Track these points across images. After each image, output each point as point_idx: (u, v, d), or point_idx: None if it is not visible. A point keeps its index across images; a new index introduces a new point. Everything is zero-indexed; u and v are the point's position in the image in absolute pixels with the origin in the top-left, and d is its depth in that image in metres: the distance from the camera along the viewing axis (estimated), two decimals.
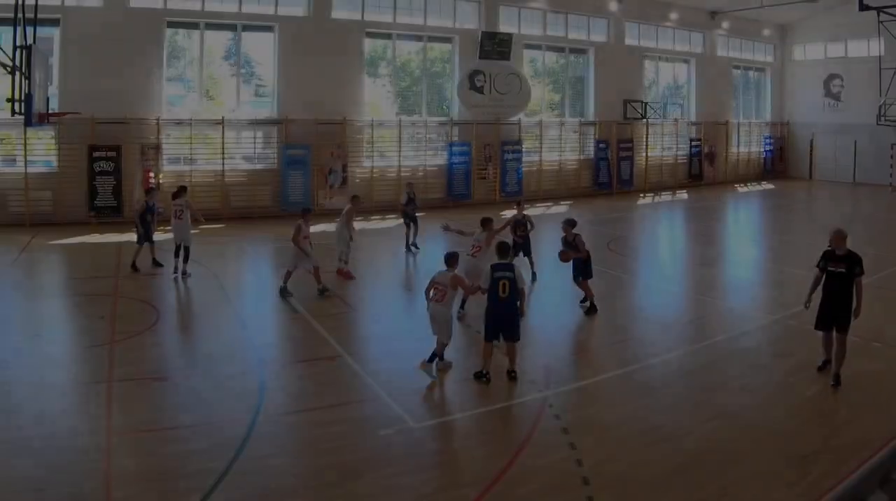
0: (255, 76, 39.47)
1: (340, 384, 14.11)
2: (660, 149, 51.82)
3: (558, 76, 48.35)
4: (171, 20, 35.22)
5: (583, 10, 46.76)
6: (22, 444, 10.98)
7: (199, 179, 35.16)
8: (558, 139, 46.47)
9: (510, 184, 43.11)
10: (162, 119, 34.31)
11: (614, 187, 48.05)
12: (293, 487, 10.18)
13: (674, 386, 14.12)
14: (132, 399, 13.04)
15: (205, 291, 21.37)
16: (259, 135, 37.48)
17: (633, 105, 48.61)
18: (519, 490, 10.07)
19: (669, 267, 26.54)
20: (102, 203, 32.86)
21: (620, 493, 10.04)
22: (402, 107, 42.26)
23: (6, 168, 32.62)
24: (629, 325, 18.42)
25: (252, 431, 11.66)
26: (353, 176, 38.26)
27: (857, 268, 13.66)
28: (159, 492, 9.93)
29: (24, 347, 15.83)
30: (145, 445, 11.30)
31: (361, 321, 19.10)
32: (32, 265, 25.33)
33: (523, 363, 14.63)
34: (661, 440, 11.54)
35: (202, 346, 16.78)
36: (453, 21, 42.22)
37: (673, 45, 51.96)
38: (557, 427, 12.00)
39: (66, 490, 9.75)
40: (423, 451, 11.39)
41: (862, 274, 13.72)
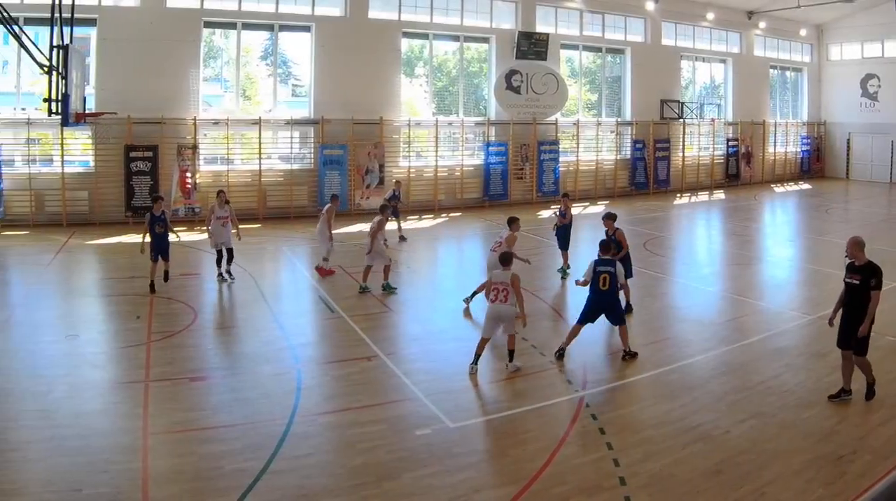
0: (292, 76, 38.64)
1: (377, 384, 13.93)
2: (696, 148, 50.50)
3: (595, 76, 47.14)
4: (207, 20, 34.46)
5: (619, 9, 45.51)
6: (59, 444, 10.87)
7: (236, 179, 34.48)
8: (595, 139, 45.14)
9: (547, 183, 42.03)
10: (199, 119, 33.46)
11: (651, 187, 46.85)
12: (329, 487, 10.04)
13: (710, 385, 13.85)
14: (169, 399, 12.89)
15: (241, 291, 20.87)
16: (296, 135, 36.51)
17: (669, 105, 47.44)
18: (556, 489, 9.92)
19: (706, 267, 25.81)
20: (139, 203, 31.94)
21: (657, 493, 9.87)
22: (438, 106, 41.24)
23: (43, 168, 31.93)
24: (666, 325, 18.14)
25: (288, 431, 11.56)
26: (389, 176, 37.24)
27: (873, 281, 12.43)
28: (196, 492, 9.80)
29: (62, 347, 15.61)
30: (182, 445, 11.15)
31: (398, 321, 18.67)
32: (69, 265, 24.77)
33: (560, 363, 14.82)
34: (698, 440, 11.41)
35: (239, 346, 16.42)
36: (490, 21, 41.14)
37: (710, 45, 50.55)
38: (594, 427, 11.87)
39: (103, 490, 9.64)
40: (459, 451, 11.12)
41: (878, 288, 12.51)
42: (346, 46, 36.44)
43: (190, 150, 32.83)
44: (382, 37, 37.69)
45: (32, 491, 9.62)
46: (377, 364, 14.86)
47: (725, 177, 51.08)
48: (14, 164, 31.47)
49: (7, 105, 31.77)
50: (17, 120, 31.06)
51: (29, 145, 31.59)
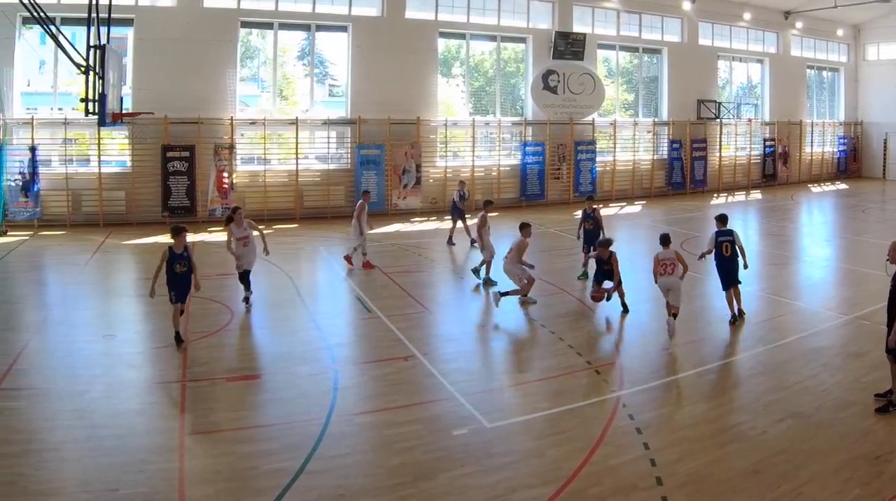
0: (329, 76, 37.72)
1: (414, 384, 13.65)
2: (733, 149, 49.01)
3: (632, 76, 45.75)
4: (244, 20, 33.72)
5: (656, 9, 44.11)
6: (96, 444, 10.69)
7: (273, 179, 33.81)
8: (632, 139, 43.81)
9: (584, 183, 40.75)
10: (236, 119, 32.74)
11: (688, 187, 45.44)
12: (366, 487, 9.83)
13: (746, 385, 13.56)
14: (205, 399, 12.68)
15: (278, 291, 20.30)
16: (332, 134, 35.77)
17: (706, 105, 46.03)
18: (592, 489, 9.70)
19: (742, 267, 24.37)
20: (176, 203, 31.45)
21: (694, 493, 9.63)
22: (475, 106, 40.10)
23: (80, 168, 31.38)
24: (703, 325, 17.64)
25: (325, 431, 11.34)
26: (426, 176, 36.51)
27: None
28: (232, 492, 9.61)
29: (98, 347, 15.34)
30: (218, 445, 10.96)
31: (435, 321, 18.21)
32: (106, 265, 24.26)
33: (596, 361, 14.76)
34: (734, 440, 11.17)
35: (276, 347, 15.97)
36: (527, 21, 40.00)
37: (746, 45, 49.04)
38: (631, 427, 11.59)
39: (139, 490, 9.47)
40: (496, 451, 10.85)
41: None
42: (382, 46, 35.56)
43: (227, 150, 32.12)
44: (419, 37, 36.76)
45: (69, 491, 9.41)
46: (414, 364, 14.54)
47: (762, 177, 49.59)
48: (51, 164, 30.93)
49: (44, 105, 31.36)
50: (54, 120, 30.58)
51: (66, 145, 31.09)
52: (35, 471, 9.93)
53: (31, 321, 17.43)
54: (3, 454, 10.29)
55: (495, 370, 14.66)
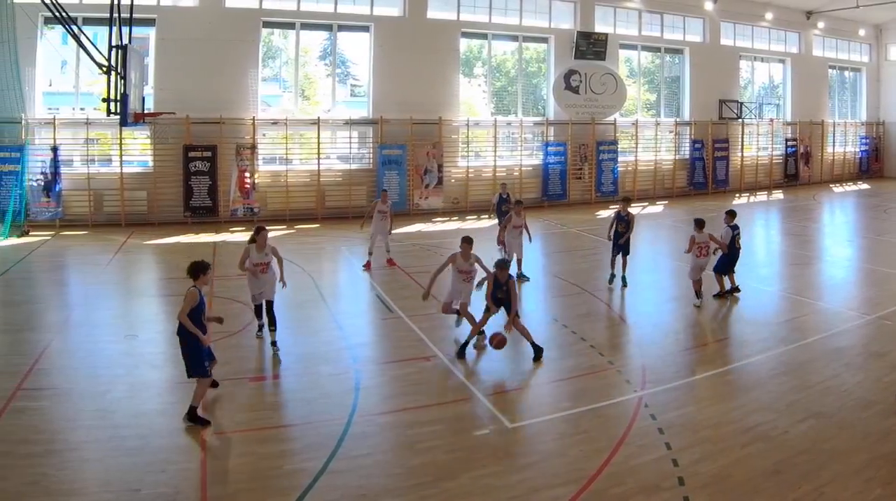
0: (351, 76, 37.02)
1: (435, 384, 13.49)
2: (755, 148, 48.08)
3: (654, 76, 44.81)
4: (266, 20, 33.20)
5: (678, 9, 43.20)
6: (118, 444, 10.57)
7: (295, 179, 33.28)
8: (654, 139, 42.92)
9: (605, 183, 40.05)
10: (258, 119, 32.20)
11: (710, 187, 44.53)
12: (388, 487, 9.70)
13: (768, 385, 13.27)
14: (228, 399, 12.45)
15: (300, 291, 19.66)
16: (354, 134, 35.12)
17: (728, 105, 45.15)
18: (614, 489, 9.56)
19: (764, 268, 24.34)
20: (198, 203, 30.95)
21: (716, 493, 9.48)
22: (497, 106, 39.27)
23: (102, 168, 30.97)
24: (724, 325, 17.54)
25: (347, 431, 11.19)
26: (448, 176, 35.84)
27: None
28: (254, 492, 9.49)
29: (120, 347, 15.14)
30: (240, 445, 10.84)
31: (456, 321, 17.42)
32: (127, 265, 23.88)
33: (618, 361, 14.54)
34: (756, 440, 10.95)
35: (297, 347, 15.48)
36: (549, 21, 39.20)
37: (768, 45, 48.07)
38: (653, 427, 11.40)
39: (161, 490, 9.35)
40: (518, 451, 10.80)
41: None
42: (404, 46, 34.97)
43: (248, 150, 31.61)
44: (441, 37, 36.11)
45: (91, 491, 9.29)
46: (436, 364, 14.39)
47: (784, 177, 48.65)
48: (73, 164, 30.50)
49: (66, 105, 31.00)
50: (76, 120, 30.21)
51: (88, 145, 30.67)
52: (57, 471, 9.79)
53: (53, 321, 17.16)
54: (26, 454, 10.17)
55: (517, 370, 14.39)
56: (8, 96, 27.74)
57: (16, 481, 9.48)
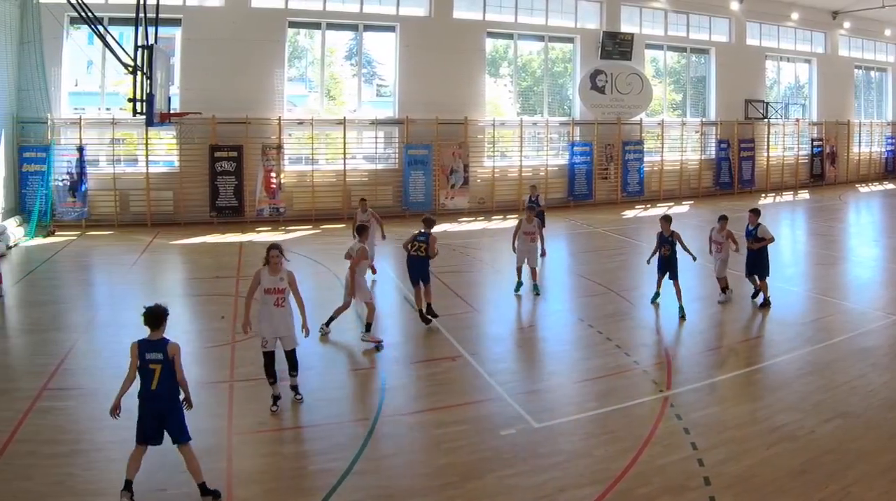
0: (377, 76, 36.19)
1: (461, 384, 13.13)
2: (781, 149, 46.81)
3: (680, 76, 43.57)
4: (292, 20, 32.50)
5: (704, 9, 42.03)
6: None
7: (320, 179, 32.55)
8: (679, 139, 41.79)
9: (631, 183, 39.03)
10: (283, 119, 31.52)
11: (736, 187, 43.31)
12: (414, 487, 9.47)
13: (794, 385, 12.90)
14: (253, 399, 12.13)
15: (326, 291, 19.00)
16: (380, 134, 34.43)
17: (754, 105, 43.89)
18: (640, 489, 9.30)
19: (790, 268, 23.60)
20: (224, 203, 30.31)
21: (742, 493, 9.21)
22: (523, 106, 38.30)
23: (128, 168, 30.39)
24: (750, 326, 17.08)
25: (373, 431, 10.97)
26: (474, 176, 34.94)
27: None
28: (280, 492, 9.29)
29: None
30: (266, 445, 10.64)
31: (482, 321, 17.40)
32: (154, 265, 23.42)
33: (644, 362, 14.13)
34: (783, 440, 10.66)
35: (323, 346, 15.17)
36: (574, 21, 38.16)
37: (794, 45, 46.77)
38: (679, 427, 11.11)
39: (186, 490, 9.07)
40: (544, 451, 10.40)
41: None
42: (430, 46, 34.15)
43: (274, 150, 30.92)
44: (467, 37, 35.25)
45: (116, 492, 8.81)
46: (461, 364, 13.99)
47: (810, 177, 47.39)
48: (99, 164, 29.98)
49: (92, 105, 30.52)
50: (102, 120, 29.70)
51: (113, 145, 30.14)
52: (83, 471, 9.59)
53: (79, 321, 16.72)
54: (51, 454, 9.96)
55: (543, 370, 14.10)
56: (34, 96, 27.30)
57: (41, 481, 9.27)
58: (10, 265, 22.13)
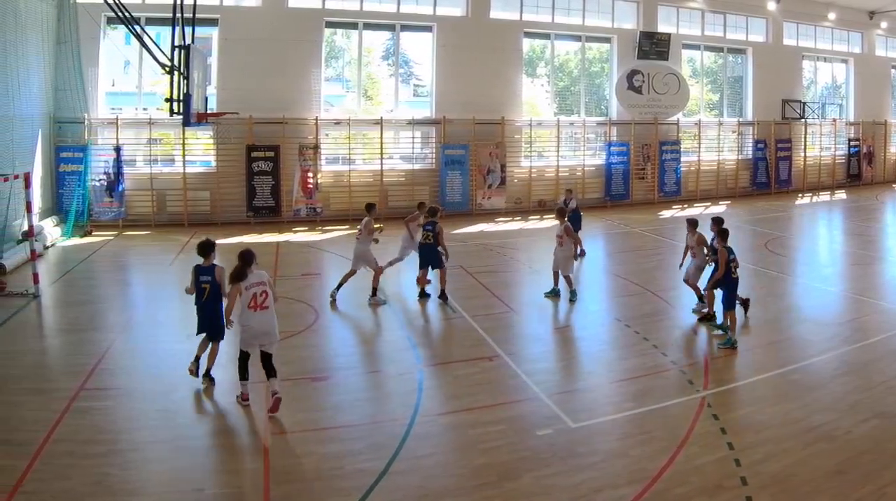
0: (414, 76, 34.86)
1: (498, 384, 12.75)
2: (818, 149, 44.85)
3: (716, 76, 41.77)
4: (329, 20, 31.30)
5: (741, 9, 40.29)
6: (181, 444, 10.17)
7: (357, 179, 31.33)
8: (716, 139, 40.08)
9: (668, 183, 37.39)
10: (320, 119, 30.37)
11: (773, 187, 41.53)
12: (450, 487, 9.24)
13: (831, 385, 12.56)
14: (290, 399, 11.62)
15: (363, 292, 18.32)
16: (417, 134, 33.19)
17: (791, 105, 42.01)
18: (677, 489, 9.05)
19: (827, 267, 23.27)
20: (260, 203, 29.22)
21: (779, 493, 8.92)
22: (560, 106, 36.80)
23: (165, 168, 29.41)
24: (787, 325, 16.40)
25: (410, 431, 10.68)
26: (511, 176, 33.53)
27: None
28: (317, 492, 9.07)
29: (183, 347, 13.86)
30: (303, 445, 10.34)
31: (519, 321, 16.89)
32: (190, 265, 21.53)
33: (681, 361, 13.76)
34: (819, 440, 10.40)
35: (360, 347, 15.31)
36: (611, 21, 36.62)
37: (831, 45, 44.81)
38: (716, 427, 10.84)
39: (224, 490, 9.05)
40: (581, 451, 10.18)
41: None
42: (467, 46, 32.83)
43: (311, 150, 29.77)
44: (504, 37, 33.88)
45: (154, 492, 8.94)
46: (498, 364, 13.60)
47: (847, 177, 45.45)
48: (136, 164, 29.08)
49: (129, 105, 29.65)
50: (139, 120, 28.78)
51: (150, 145, 29.19)
52: (120, 471, 9.41)
53: (116, 321, 16.33)
54: (89, 453, 9.70)
55: (580, 370, 13.85)
56: (71, 96, 26.47)
57: (79, 480, 9.01)
58: (47, 265, 21.60)
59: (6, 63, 22.28)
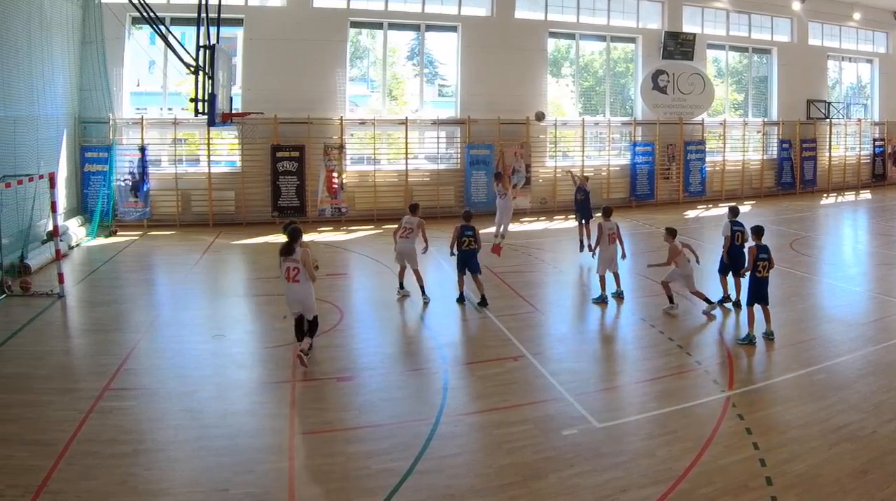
0: (439, 76, 33.88)
1: (523, 384, 12.46)
2: (843, 149, 43.52)
3: (741, 76, 40.52)
4: (354, 20, 30.34)
5: (766, 9, 39.04)
6: (206, 444, 9.92)
7: (382, 179, 30.44)
8: (741, 139, 38.97)
9: (693, 183, 36.24)
10: (345, 119, 29.44)
11: (797, 187, 40.31)
12: (476, 487, 8.99)
13: (856, 386, 12.20)
14: (315, 399, 11.73)
15: (388, 291, 18.30)
16: (442, 134, 32.12)
17: (816, 105, 40.70)
18: (702, 489, 8.82)
19: (852, 267, 22.73)
20: (285, 203, 28.37)
21: (804, 493, 8.69)
22: (585, 106, 35.69)
23: (190, 168, 28.63)
24: (812, 325, 15.99)
25: (435, 431, 10.49)
26: (536, 176, 32.50)
27: None
28: (342, 492, 8.84)
29: (208, 347, 14.20)
30: (328, 445, 10.13)
31: (545, 321, 16.44)
32: (215, 265, 22.20)
33: (706, 363, 13.35)
34: (844, 440, 10.06)
35: (385, 346, 14.69)
36: (636, 21, 35.49)
37: (856, 45, 43.41)
38: (741, 427, 10.55)
39: (249, 490, 8.77)
40: (606, 451, 9.92)
41: None
42: (492, 46, 31.83)
43: (336, 150, 28.88)
44: (529, 37, 32.80)
45: (179, 491, 8.73)
46: (524, 364, 13.31)
47: (872, 177, 44.13)
48: (161, 164, 28.30)
49: (154, 105, 28.90)
50: (164, 120, 28.06)
51: (175, 145, 28.40)
52: (145, 471, 9.22)
53: (141, 321, 15.97)
54: (114, 454, 9.53)
55: (605, 370, 13.57)
56: (96, 96, 25.75)
57: (104, 480, 8.84)
58: (72, 265, 21.18)
59: (31, 63, 21.64)
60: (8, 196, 18.84)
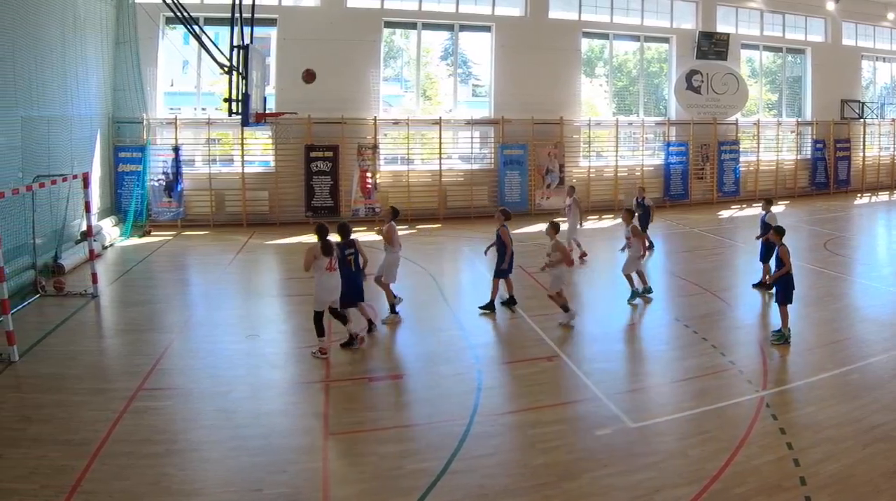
0: (472, 76, 32.61)
1: (557, 384, 12.22)
2: (877, 148, 41.70)
3: (775, 76, 38.84)
4: (388, 20, 29.27)
5: (800, 9, 37.38)
6: (240, 444, 9.69)
7: (416, 179, 29.35)
8: (775, 139, 37.36)
9: (727, 183, 34.78)
10: (379, 119, 28.38)
11: (831, 187, 38.71)
12: (510, 487, 8.70)
13: (890, 386, 11.78)
14: (348, 399, 11.48)
15: (421, 291, 18.00)
16: (476, 134, 30.91)
17: (850, 105, 39.00)
18: (736, 489, 8.52)
19: (886, 267, 21.73)
20: (319, 203, 27.36)
21: (837, 493, 8.39)
22: (618, 106, 34.34)
23: (223, 168, 27.77)
24: (846, 325, 15.48)
25: (469, 431, 10.24)
26: (569, 175, 31.11)
27: None
28: (376, 492, 8.58)
29: (242, 347, 13.90)
30: (362, 445, 9.90)
31: (578, 321, 15.56)
32: (249, 265, 21.54)
33: (740, 362, 12.89)
34: (878, 440, 9.72)
35: (418, 347, 14.32)
36: (670, 21, 34.03)
37: (890, 45, 41.48)
38: (775, 427, 10.23)
39: (283, 490, 8.53)
40: (639, 451, 9.62)
41: None
42: (526, 46, 30.61)
43: (370, 150, 27.80)
44: (562, 37, 31.51)
45: (212, 491, 8.54)
46: (557, 364, 13.08)
47: None
48: (194, 164, 27.42)
49: (187, 105, 28.08)
50: (198, 120, 27.25)
51: (209, 145, 27.58)
52: (178, 471, 9.03)
53: (175, 321, 15.74)
54: (147, 453, 9.38)
55: (638, 370, 13.21)
56: (129, 96, 25.01)
57: (137, 480, 8.72)
58: (105, 265, 20.67)
59: (65, 63, 20.83)
60: (42, 196, 18.29)
